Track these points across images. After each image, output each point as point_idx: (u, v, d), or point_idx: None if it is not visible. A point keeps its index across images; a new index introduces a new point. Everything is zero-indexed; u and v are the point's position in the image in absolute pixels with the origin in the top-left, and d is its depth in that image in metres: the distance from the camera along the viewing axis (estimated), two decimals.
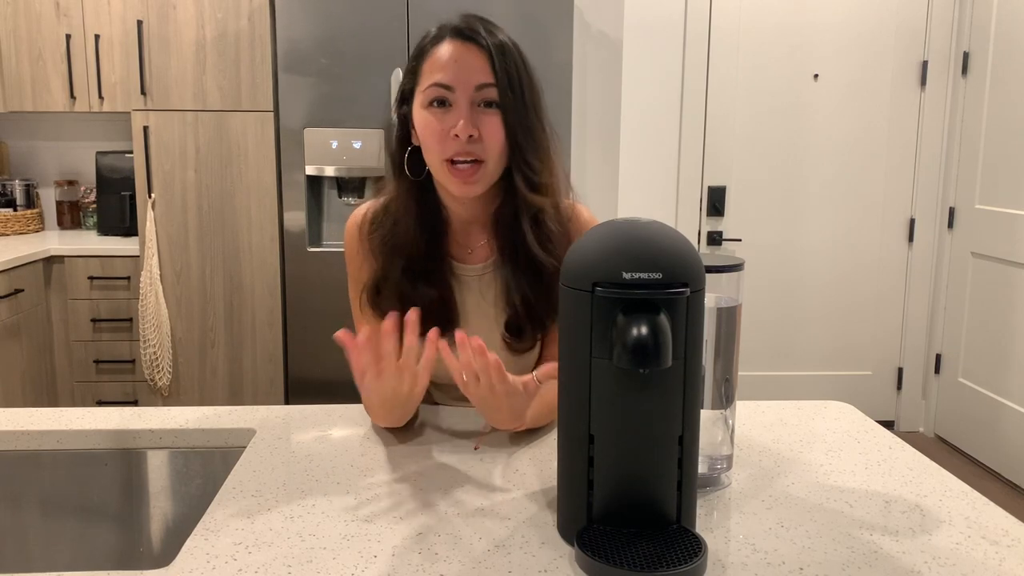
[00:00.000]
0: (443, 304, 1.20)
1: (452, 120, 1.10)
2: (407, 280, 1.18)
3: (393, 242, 1.19)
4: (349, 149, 2.84)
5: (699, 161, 3.53)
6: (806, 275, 3.63)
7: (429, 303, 1.18)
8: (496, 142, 1.12)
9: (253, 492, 0.97)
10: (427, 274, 1.19)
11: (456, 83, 1.10)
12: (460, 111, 1.10)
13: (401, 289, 1.18)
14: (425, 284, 1.19)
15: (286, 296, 2.97)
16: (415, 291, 1.18)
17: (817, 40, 3.46)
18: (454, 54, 1.11)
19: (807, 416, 1.25)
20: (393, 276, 1.19)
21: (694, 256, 0.82)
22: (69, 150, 3.53)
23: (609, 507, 0.84)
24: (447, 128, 1.10)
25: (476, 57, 1.11)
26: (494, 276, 1.22)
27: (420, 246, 1.19)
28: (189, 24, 2.89)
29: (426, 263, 1.20)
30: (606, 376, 0.81)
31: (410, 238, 1.19)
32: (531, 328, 1.20)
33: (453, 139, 1.10)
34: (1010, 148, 3.16)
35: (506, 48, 1.12)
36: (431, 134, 1.12)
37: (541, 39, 2.80)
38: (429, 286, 1.19)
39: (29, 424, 1.18)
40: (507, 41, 1.13)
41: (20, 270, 2.83)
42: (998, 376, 3.23)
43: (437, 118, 1.11)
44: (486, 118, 1.11)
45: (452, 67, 1.10)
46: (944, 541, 0.86)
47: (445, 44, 1.12)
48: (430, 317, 1.18)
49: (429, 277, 1.19)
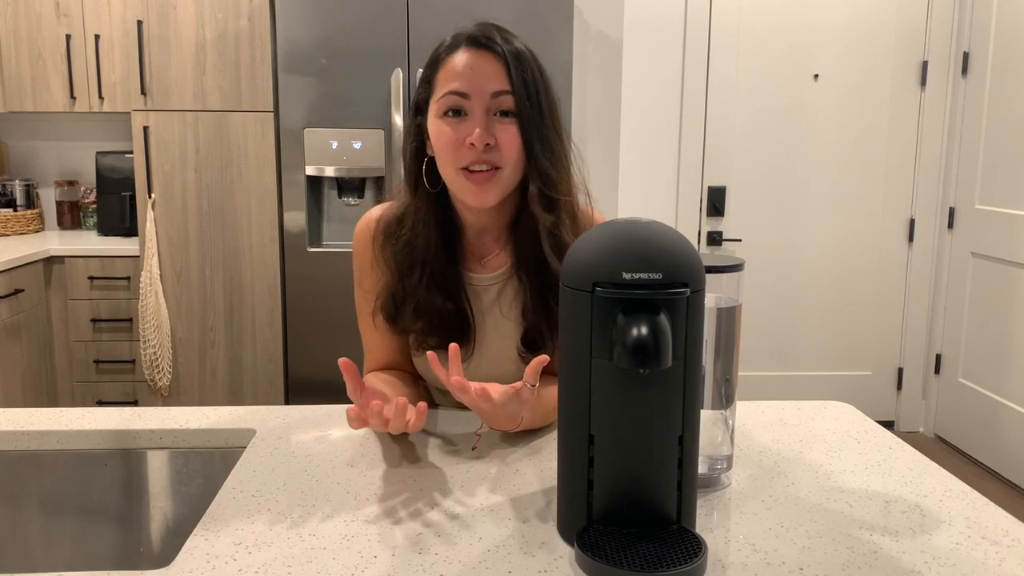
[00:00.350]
0: (459, 316, 1.19)
1: (467, 129, 1.09)
2: (424, 292, 1.17)
3: (412, 256, 1.18)
4: (349, 149, 2.84)
5: (699, 161, 3.53)
6: (806, 275, 3.63)
7: (445, 315, 1.17)
8: (512, 151, 1.10)
9: (253, 492, 0.97)
10: (443, 286, 1.18)
11: (471, 91, 1.09)
12: (476, 120, 1.08)
13: (418, 301, 1.17)
14: (441, 296, 1.17)
15: (286, 296, 2.97)
16: (431, 303, 1.17)
17: (817, 40, 3.46)
18: (469, 62, 1.09)
19: (807, 416, 1.25)
20: (410, 288, 1.17)
21: (694, 256, 0.82)
22: (69, 150, 3.53)
23: (609, 507, 0.84)
24: (462, 137, 1.09)
25: (492, 65, 1.09)
26: (508, 287, 1.21)
27: (439, 258, 1.18)
28: (189, 24, 2.89)
29: (443, 274, 1.18)
30: (606, 376, 0.81)
31: (429, 250, 1.17)
32: (548, 340, 1.18)
33: (469, 148, 1.08)
34: (1010, 148, 3.16)
35: (522, 56, 1.10)
36: (446, 143, 1.10)
37: (541, 39, 2.80)
38: (445, 298, 1.17)
39: (29, 424, 1.18)
40: (523, 49, 1.12)
41: (20, 270, 2.83)
42: (998, 376, 3.23)
43: (452, 127, 1.10)
44: (502, 127, 1.09)
45: (467, 75, 1.09)
46: (944, 541, 0.86)
47: (460, 52, 1.10)
48: (446, 329, 1.18)
49: (445, 289, 1.18)
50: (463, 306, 1.19)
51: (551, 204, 1.13)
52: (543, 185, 1.12)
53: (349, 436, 1.15)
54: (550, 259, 1.13)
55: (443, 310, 1.17)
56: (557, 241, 1.14)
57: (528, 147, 1.10)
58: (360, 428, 1.00)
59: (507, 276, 1.21)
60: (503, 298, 1.21)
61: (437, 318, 1.17)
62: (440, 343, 1.18)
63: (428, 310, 1.17)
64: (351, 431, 1.17)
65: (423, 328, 1.18)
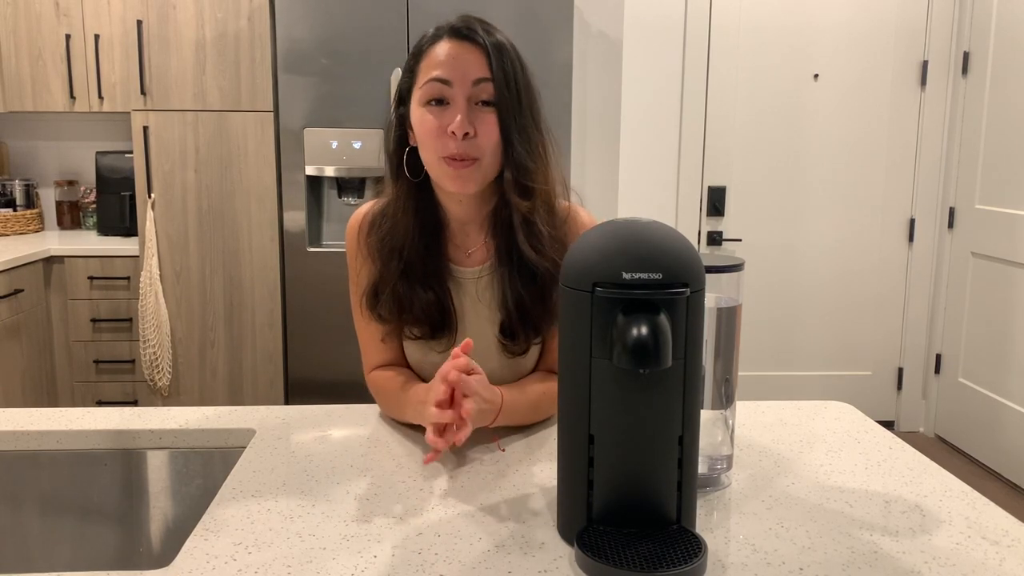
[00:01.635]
0: (440, 307, 1.20)
1: (449, 117, 1.10)
2: (405, 283, 1.18)
3: (391, 243, 1.19)
4: (349, 149, 2.84)
5: (699, 161, 3.53)
6: (806, 275, 3.63)
7: (426, 306, 1.18)
8: (491, 140, 1.12)
9: (253, 492, 0.97)
10: (425, 276, 1.19)
11: (453, 78, 1.10)
12: (457, 108, 1.10)
13: (398, 292, 1.18)
14: (422, 287, 1.18)
15: (286, 296, 2.97)
16: (413, 294, 1.18)
17: (817, 40, 3.46)
18: (451, 51, 1.11)
19: (807, 416, 1.25)
20: (390, 278, 1.19)
21: (694, 256, 0.82)
22: (69, 150, 3.52)
23: (609, 507, 0.84)
24: (444, 125, 1.10)
25: (473, 55, 1.11)
26: (491, 279, 1.22)
27: (418, 248, 1.19)
28: (189, 24, 2.89)
29: (424, 265, 1.19)
30: (606, 376, 0.81)
31: (408, 239, 1.19)
32: (524, 332, 1.19)
33: (450, 136, 1.10)
34: (1010, 148, 3.16)
35: (503, 48, 1.12)
36: (428, 131, 1.12)
37: (541, 39, 2.80)
38: (426, 289, 1.19)
39: (29, 424, 1.18)
40: (505, 41, 1.14)
41: (20, 270, 2.83)
42: (998, 376, 3.23)
43: (435, 115, 1.11)
44: (482, 115, 1.11)
45: (450, 63, 1.11)
46: (944, 541, 0.86)
47: (443, 43, 1.13)
48: (427, 319, 1.19)
49: (427, 280, 1.19)
50: (444, 297, 1.20)
51: (525, 192, 1.14)
52: (518, 173, 1.13)
53: (349, 436, 1.15)
54: (523, 247, 1.15)
55: (423, 300, 1.18)
56: (531, 229, 1.15)
57: (506, 136, 1.12)
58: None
59: (491, 269, 1.21)
60: (485, 290, 1.22)
61: (418, 307, 1.18)
62: (423, 333, 1.20)
63: (407, 299, 1.18)
64: (351, 431, 1.17)
65: (402, 317, 1.19)
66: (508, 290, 1.18)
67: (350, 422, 1.21)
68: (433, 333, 1.20)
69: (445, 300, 1.20)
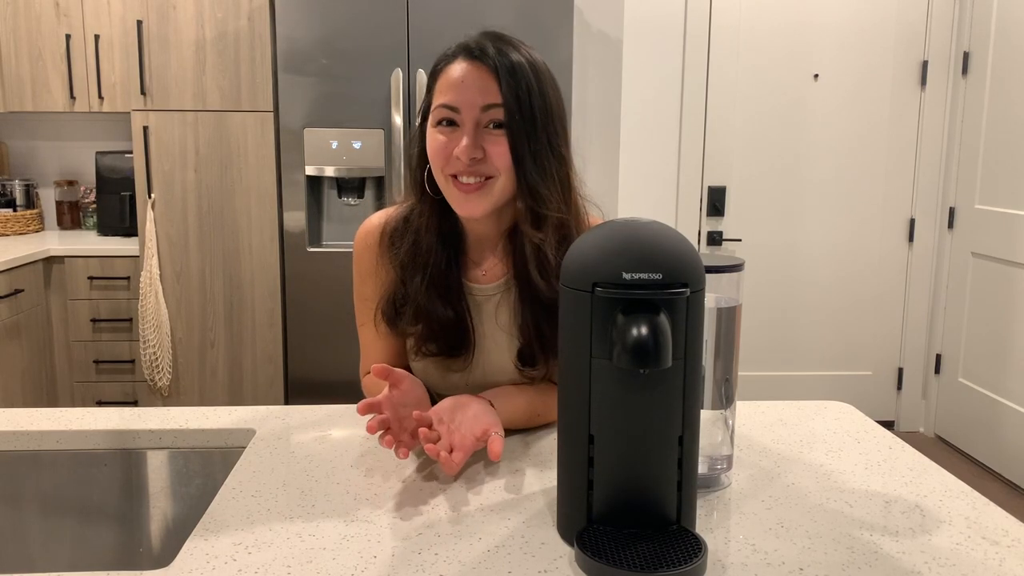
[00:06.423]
0: (458, 325, 1.19)
1: (458, 139, 1.09)
2: (425, 296, 1.17)
3: (415, 259, 1.18)
4: (349, 149, 2.84)
5: (699, 161, 3.53)
6: (806, 275, 3.63)
7: (446, 322, 1.17)
8: (503, 162, 1.09)
9: (253, 492, 0.97)
10: (445, 292, 1.18)
11: (461, 104, 1.09)
12: (465, 131, 1.09)
13: (418, 304, 1.17)
14: (442, 303, 1.17)
15: (286, 296, 2.97)
16: (433, 308, 1.17)
17: (817, 40, 3.46)
18: (462, 74, 1.09)
19: (807, 416, 1.25)
20: (412, 291, 1.18)
21: (694, 256, 0.82)
22: (69, 150, 3.52)
23: (609, 507, 0.84)
24: (452, 147, 1.09)
25: (484, 77, 1.09)
26: (506, 299, 1.20)
27: (440, 263, 1.18)
28: (189, 24, 2.89)
29: (446, 281, 1.18)
30: (606, 376, 0.81)
31: (432, 254, 1.17)
32: (542, 356, 1.17)
33: (456, 159, 1.09)
34: (1010, 148, 3.16)
35: (518, 69, 1.09)
36: (436, 152, 1.11)
37: (541, 39, 2.80)
38: (446, 305, 1.17)
39: (29, 424, 1.18)
40: (523, 61, 1.10)
41: (20, 270, 2.83)
42: (998, 376, 3.23)
43: (445, 136, 1.11)
44: (492, 139, 1.09)
45: (459, 88, 1.09)
46: (944, 541, 0.86)
47: (456, 64, 1.11)
48: (445, 336, 1.18)
49: (446, 295, 1.18)
50: (463, 315, 1.19)
51: (538, 220, 1.12)
52: (532, 201, 1.11)
53: (349, 436, 1.15)
54: (534, 276, 1.13)
55: (444, 317, 1.17)
56: (543, 260, 1.12)
57: (518, 162, 1.09)
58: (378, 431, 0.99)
59: (505, 287, 1.20)
60: (501, 310, 1.21)
61: (437, 324, 1.17)
62: (440, 350, 1.19)
63: (428, 315, 1.17)
64: (351, 431, 1.17)
65: (423, 333, 1.18)
66: (523, 313, 1.17)
67: (350, 422, 1.21)
68: (451, 351, 1.19)
69: (464, 318, 1.19)
